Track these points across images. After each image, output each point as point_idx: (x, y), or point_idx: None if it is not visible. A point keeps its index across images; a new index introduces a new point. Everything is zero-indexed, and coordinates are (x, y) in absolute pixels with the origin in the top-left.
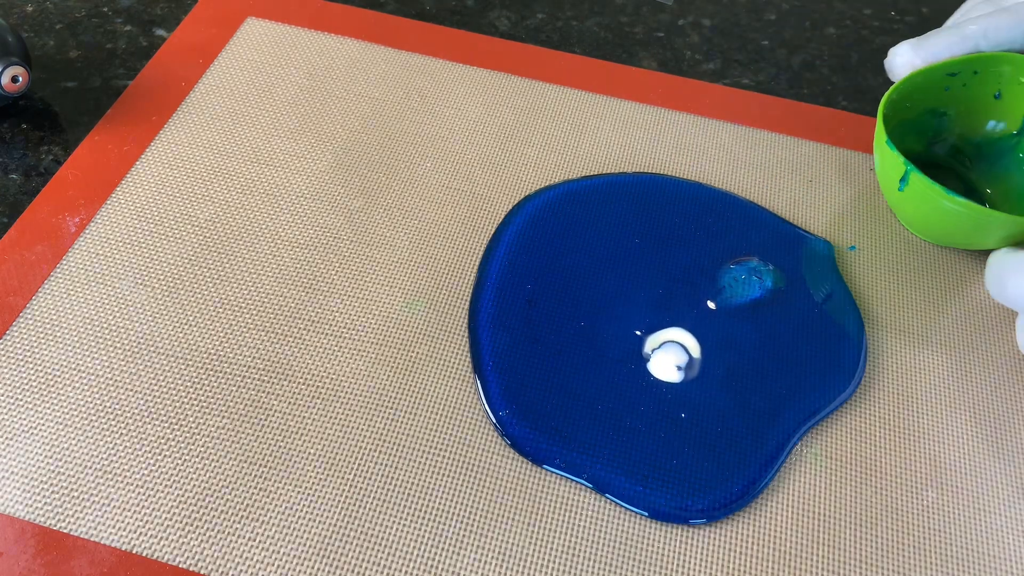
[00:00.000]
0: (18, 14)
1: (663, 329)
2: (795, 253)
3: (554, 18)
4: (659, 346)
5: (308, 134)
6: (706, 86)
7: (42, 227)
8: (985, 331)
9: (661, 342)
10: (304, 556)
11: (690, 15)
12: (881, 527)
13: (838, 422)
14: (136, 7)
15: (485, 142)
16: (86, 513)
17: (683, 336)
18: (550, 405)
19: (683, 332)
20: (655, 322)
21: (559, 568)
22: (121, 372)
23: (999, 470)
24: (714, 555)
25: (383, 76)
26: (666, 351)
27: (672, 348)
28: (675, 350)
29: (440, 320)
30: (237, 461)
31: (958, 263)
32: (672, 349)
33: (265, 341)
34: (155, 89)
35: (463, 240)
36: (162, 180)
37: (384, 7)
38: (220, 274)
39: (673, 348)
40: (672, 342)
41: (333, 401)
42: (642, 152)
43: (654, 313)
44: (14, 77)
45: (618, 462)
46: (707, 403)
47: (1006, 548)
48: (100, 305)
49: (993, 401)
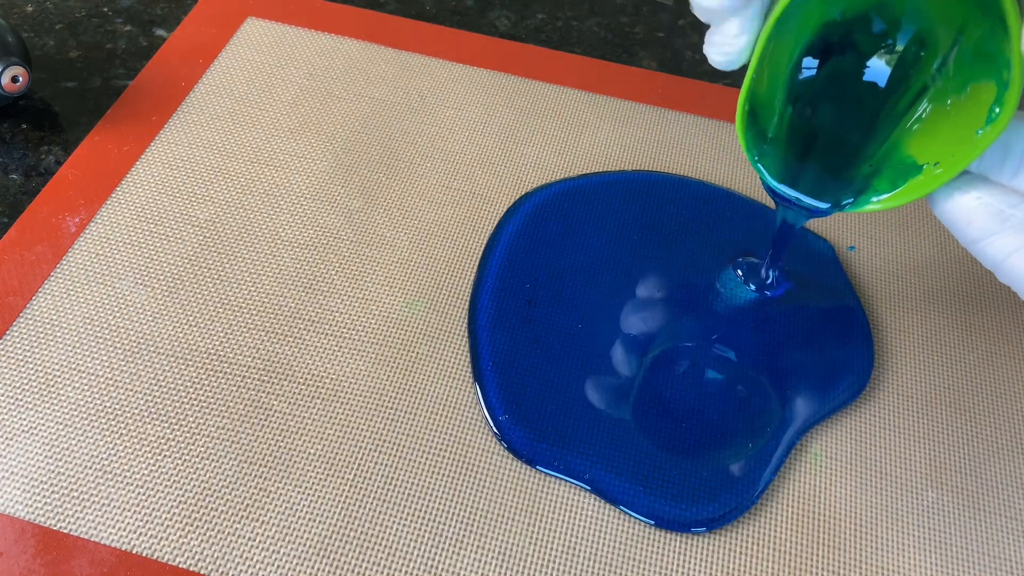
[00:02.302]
0: (18, 14)
1: (659, 334)
2: (798, 251)
3: (554, 18)
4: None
5: (308, 134)
6: (706, 86)
7: (42, 227)
8: (985, 331)
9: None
10: (304, 556)
11: (690, 15)
12: (881, 527)
13: (839, 422)
14: (136, 7)
15: (485, 142)
16: (86, 513)
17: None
18: (550, 407)
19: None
20: (654, 323)
21: (559, 569)
22: (121, 372)
23: (999, 470)
24: (714, 555)
25: (383, 76)
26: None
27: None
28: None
29: (440, 320)
30: (237, 461)
31: (958, 263)
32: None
33: (265, 341)
34: (155, 89)
35: (463, 240)
36: (162, 180)
37: (384, 7)
38: (220, 274)
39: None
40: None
41: (333, 401)
42: (642, 152)
43: (653, 313)
44: (14, 77)
45: (617, 465)
46: (707, 404)
47: (1006, 548)
48: (100, 305)
49: (993, 401)
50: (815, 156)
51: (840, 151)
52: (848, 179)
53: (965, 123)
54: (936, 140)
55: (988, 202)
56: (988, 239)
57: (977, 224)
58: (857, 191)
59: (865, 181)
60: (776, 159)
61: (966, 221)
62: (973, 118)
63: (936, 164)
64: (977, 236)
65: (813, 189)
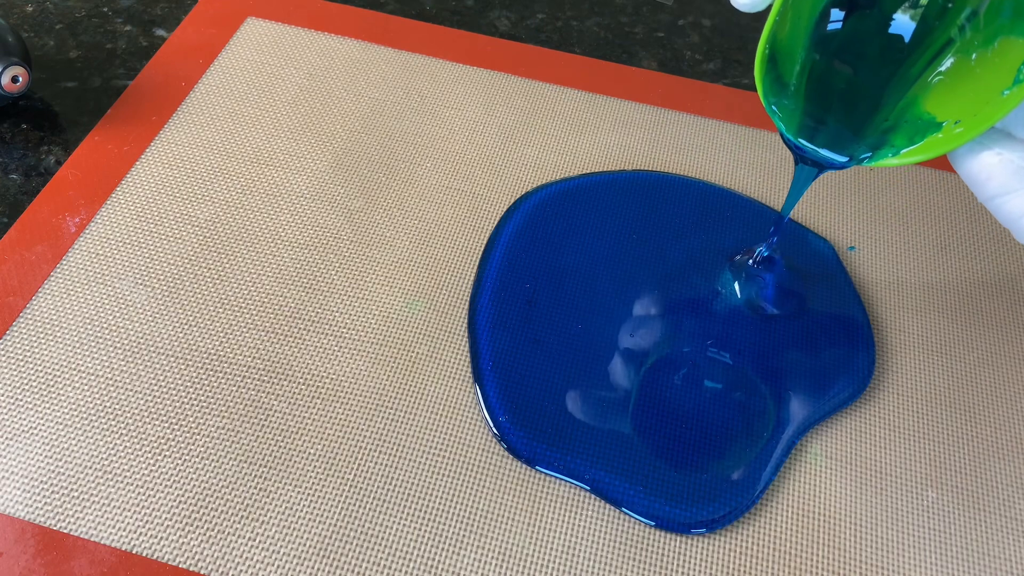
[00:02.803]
0: (18, 14)
1: (660, 334)
2: (799, 251)
3: (554, 18)
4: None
5: (308, 134)
6: (706, 86)
7: (42, 227)
8: (985, 331)
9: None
10: (304, 556)
11: (690, 15)
12: (881, 527)
13: (839, 422)
14: (136, 7)
15: (485, 142)
16: (86, 513)
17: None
18: (549, 408)
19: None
20: (654, 323)
21: (559, 569)
22: (121, 372)
23: (999, 470)
24: (714, 555)
25: (383, 76)
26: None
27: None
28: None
29: (440, 320)
30: (237, 461)
31: (958, 263)
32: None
33: (265, 341)
34: (155, 89)
35: (463, 240)
36: (162, 180)
37: (384, 7)
38: (220, 274)
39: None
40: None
41: (333, 401)
42: (642, 152)
43: (653, 313)
44: (14, 77)
45: (618, 466)
46: (707, 405)
47: (1006, 548)
48: (100, 305)
49: (993, 401)
50: (833, 108)
51: (859, 104)
52: (865, 133)
53: (990, 81)
54: (957, 97)
55: (1009, 158)
56: (1006, 196)
57: (996, 181)
58: (873, 146)
59: (882, 136)
60: (796, 111)
61: (985, 177)
62: (999, 77)
63: (957, 123)
64: (995, 192)
65: (830, 142)
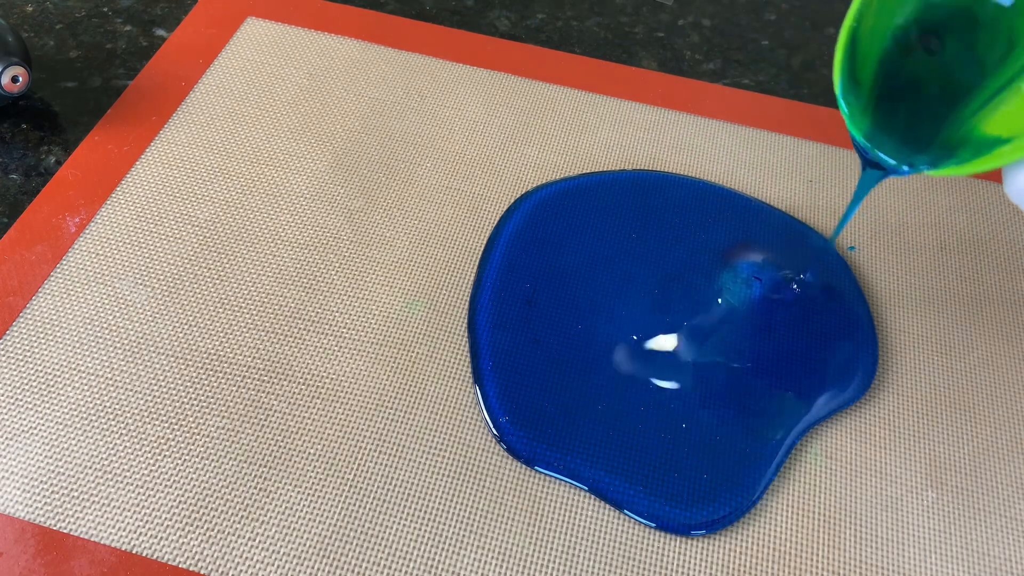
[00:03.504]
0: (18, 14)
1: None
2: (800, 250)
3: (554, 18)
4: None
5: (308, 134)
6: (706, 86)
7: (42, 227)
8: (985, 331)
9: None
10: (304, 556)
11: (690, 15)
12: (881, 527)
13: (839, 422)
14: (136, 7)
15: (485, 142)
16: (86, 513)
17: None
18: (549, 408)
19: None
20: (654, 323)
21: (559, 568)
22: (121, 372)
23: (999, 470)
24: (714, 555)
25: (383, 76)
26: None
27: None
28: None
29: (440, 320)
30: (237, 461)
31: (958, 263)
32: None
33: (265, 341)
34: (155, 89)
35: (463, 240)
36: (162, 180)
37: (384, 7)
38: (220, 274)
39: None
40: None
41: (333, 401)
42: (642, 152)
43: (653, 313)
44: (14, 77)
45: (618, 466)
46: (708, 406)
47: (1006, 548)
48: (100, 305)
49: (993, 401)
50: (899, 119)
51: (923, 123)
52: (929, 148)
53: None
54: (1020, 119)
55: None
56: None
57: None
58: (937, 157)
59: (946, 150)
60: (866, 112)
61: None
62: None
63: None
64: None
65: (894, 150)
